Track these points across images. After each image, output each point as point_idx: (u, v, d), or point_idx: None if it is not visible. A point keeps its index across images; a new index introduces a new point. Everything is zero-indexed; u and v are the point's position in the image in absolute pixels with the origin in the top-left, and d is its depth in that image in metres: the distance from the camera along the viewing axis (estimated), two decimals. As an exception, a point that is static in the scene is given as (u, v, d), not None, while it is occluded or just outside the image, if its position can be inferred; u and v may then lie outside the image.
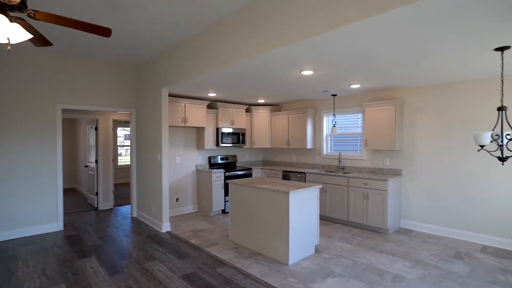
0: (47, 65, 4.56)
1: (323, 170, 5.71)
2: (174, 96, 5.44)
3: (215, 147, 5.98)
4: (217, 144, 5.97)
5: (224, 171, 5.74)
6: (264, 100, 6.11)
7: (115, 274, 3.13)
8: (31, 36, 1.98)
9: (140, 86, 5.32)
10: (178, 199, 5.71)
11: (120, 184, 9.73)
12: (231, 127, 6.16)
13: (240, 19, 3.09)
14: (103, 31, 2.30)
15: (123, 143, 10.32)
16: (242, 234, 3.98)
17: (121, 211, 5.97)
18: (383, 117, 4.73)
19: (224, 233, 4.51)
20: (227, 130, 6.07)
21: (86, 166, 6.81)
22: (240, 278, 3.04)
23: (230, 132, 6.12)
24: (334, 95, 5.46)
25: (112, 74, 5.20)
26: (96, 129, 6.16)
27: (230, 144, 6.11)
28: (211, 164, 6.13)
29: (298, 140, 6.04)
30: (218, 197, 5.62)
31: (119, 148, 10.22)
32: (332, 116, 5.81)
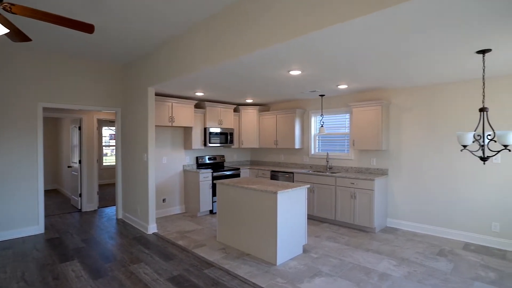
0: (27, 61, 4.39)
1: (311, 170, 5.74)
2: (160, 95, 5.35)
3: (203, 147, 5.92)
4: (204, 144, 5.91)
5: (212, 171, 5.69)
6: (252, 100, 6.09)
7: (98, 278, 3.04)
8: (7, 30, 1.89)
9: (126, 84, 5.21)
10: (165, 200, 5.61)
11: (105, 185, 9.51)
12: (219, 127, 6.11)
13: (228, 17, 3.06)
14: (86, 28, 2.22)
15: (109, 143, 10.09)
16: (230, 235, 3.95)
17: (106, 213, 5.83)
18: (370, 117, 4.79)
19: (212, 234, 4.46)
20: (215, 130, 6.02)
21: (70, 167, 6.62)
22: (228, 279, 3.00)
23: (218, 132, 6.07)
24: (322, 96, 5.49)
25: (97, 72, 5.07)
26: (79, 128, 5.99)
27: (218, 144, 6.06)
28: (199, 164, 6.06)
29: (286, 140, 6.05)
30: (205, 197, 5.56)
31: (105, 148, 9.99)
32: (320, 116, 5.84)
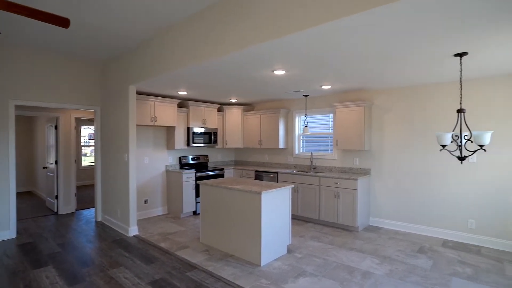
0: (-2, 57, 4.16)
1: (295, 170, 5.75)
2: (142, 93, 5.20)
3: (186, 147, 5.82)
4: (188, 144, 5.80)
5: (196, 171, 5.59)
6: (237, 100, 6.05)
7: (75, 284, 2.90)
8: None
9: (106, 82, 5.03)
10: (146, 201, 5.47)
11: (84, 186, 9.18)
12: (202, 126, 6.02)
13: (212, 16, 3.01)
14: (61, 22, 2.11)
15: (88, 143, 9.74)
16: (214, 236, 3.89)
17: (84, 215, 5.61)
18: (353, 117, 4.85)
19: (195, 235, 4.38)
20: (199, 130, 5.93)
21: (45, 168, 6.33)
22: (211, 281, 2.95)
23: (202, 132, 5.98)
24: (306, 96, 5.52)
25: (75, 69, 4.86)
26: (56, 127, 5.74)
27: (201, 144, 5.97)
28: (182, 164, 5.95)
29: (271, 140, 6.05)
30: (189, 198, 5.46)
31: (84, 148, 9.64)
32: (304, 116, 5.87)
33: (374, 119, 4.93)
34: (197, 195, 5.58)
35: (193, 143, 5.81)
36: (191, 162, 6.10)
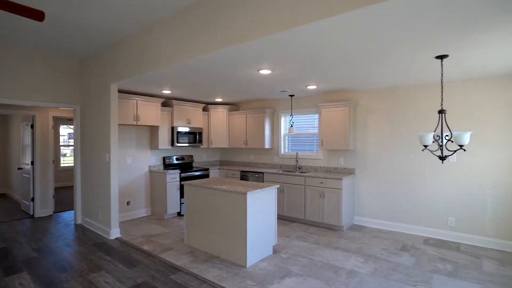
0: (-32, 51, 3.92)
1: (280, 169, 5.75)
2: (124, 92, 5.05)
3: (170, 147, 5.70)
4: (172, 144, 5.69)
5: (180, 171, 5.49)
6: (222, 99, 5.98)
7: (52, 290, 2.77)
8: None
9: (86, 80, 4.85)
10: (129, 203, 5.32)
11: (63, 187, 8.84)
12: (187, 126, 5.92)
13: (197, 12, 2.94)
14: (35, 15, 2.00)
15: (68, 143, 9.40)
16: (199, 238, 3.82)
17: (63, 218, 5.39)
18: (338, 118, 4.90)
19: (179, 237, 4.29)
20: (183, 129, 5.83)
21: (20, 169, 6.04)
22: (196, 284, 2.88)
23: (186, 132, 5.88)
24: (292, 96, 5.53)
25: (52, 66, 4.66)
26: (32, 126, 5.49)
27: (186, 143, 5.87)
28: (166, 164, 5.83)
29: (256, 140, 6.02)
30: (173, 199, 5.36)
31: (63, 148, 9.29)
32: (290, 116, 5.88)
33: (358, 119, 4.99)
34: (181, 196, 5.48)
35: (177, 143, 5.70)
36: (175, 162, 5.98)
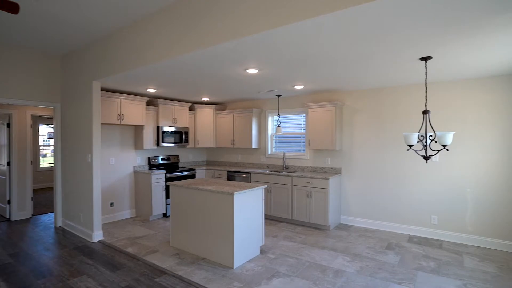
0: None
1: (268, 169, 5.74)
2: (108, 90, 4.90)
3: (156, 147, 5.59)
4: (157, 144, 5.58)
5: (166, 172, 5.39)
6: (209, 99, 5.91)
7: (29, 297, 2.65)
8: None
9: (67, 77, 4.67)
10: (112, 204, 5.17)
11: (42, 189, 8.52)
12: (173, 125, 5.82)
13: (184, 9, 2.88)
14: (9, 7, 1.89)
15: (49, 142, 9.06)
16: (185, 239, 3.75)
17: (42, 221, 5.19)
18: (325, 118, 4.93)
19: (165, 238, 4.20)
20: (169, 129, 5.72)
21: (-4, 170, 5.77)
22: (182, 287, 2.82)
23: (172, 131, 5.78)
24: (279, 96, 5.53)
25: (31, 62, 4.46)
26: (8, 125, 5.25)
27: (172, 143, 5.77)
28: (151, 165, 5.71)
29: (243, 140, 5.99)
30: (158, 200, 5.25)
31: (43, 148, 8.95)
32: (277, 116, 5.88)
33: (345, 119, 5.04)
34: (167, 196, 5.38)
35: (163, 142, 5.59)
36: (161, 162, 5.87)
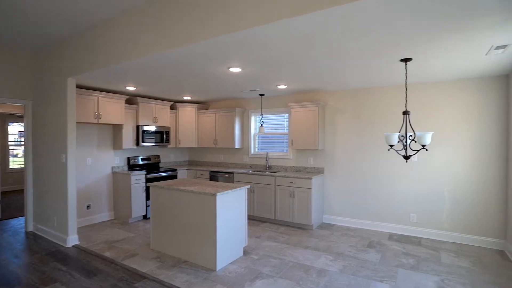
0: None
1: (251, 169, 5.70)
2: (84, 88, 4.69)
3: (135, 147, 5.41)
4: (137, 143, 5.40)
5: (146, 172, 5.22)
6: (191, 97, 5.80)
7: (-5, 308, 2.47)
8: None
9: (39, 73, 4.42)
10: (89, 206, 4.96)
11: (12, 191, 8.05)
12: (153, 124, 5.66)
13: (165, 3, 2.78)
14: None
15: (20, 142, 8.58)
16: (166, 241, 3.64)
17: (11, 225, 4.89)
18: (308, 118, 4.95)
19: (145, 241, 4.07)
20: (149, 128, 5.56)
21: (-40, 171, 5.39)
22: (162, 292, 2.73)
23: (153, 131, 5.62)
24: (262, 95, 5.50)
25: (-2, 56, 4.20)
26: (-26, 124, 4.91)
27: (152, 143, 5.61)
28: (131, 165, 5.52)
29: (226, 140, 5.91)
30: (138, 201, 5.08)
31: (14, 148, 8.46)
32: (260, 116, 5.85)
33: (327, 119, 5.09)
34: (147, 198, 5.22)
35: (143, 142, 5.42)
36: (141, 162, 5.69)
